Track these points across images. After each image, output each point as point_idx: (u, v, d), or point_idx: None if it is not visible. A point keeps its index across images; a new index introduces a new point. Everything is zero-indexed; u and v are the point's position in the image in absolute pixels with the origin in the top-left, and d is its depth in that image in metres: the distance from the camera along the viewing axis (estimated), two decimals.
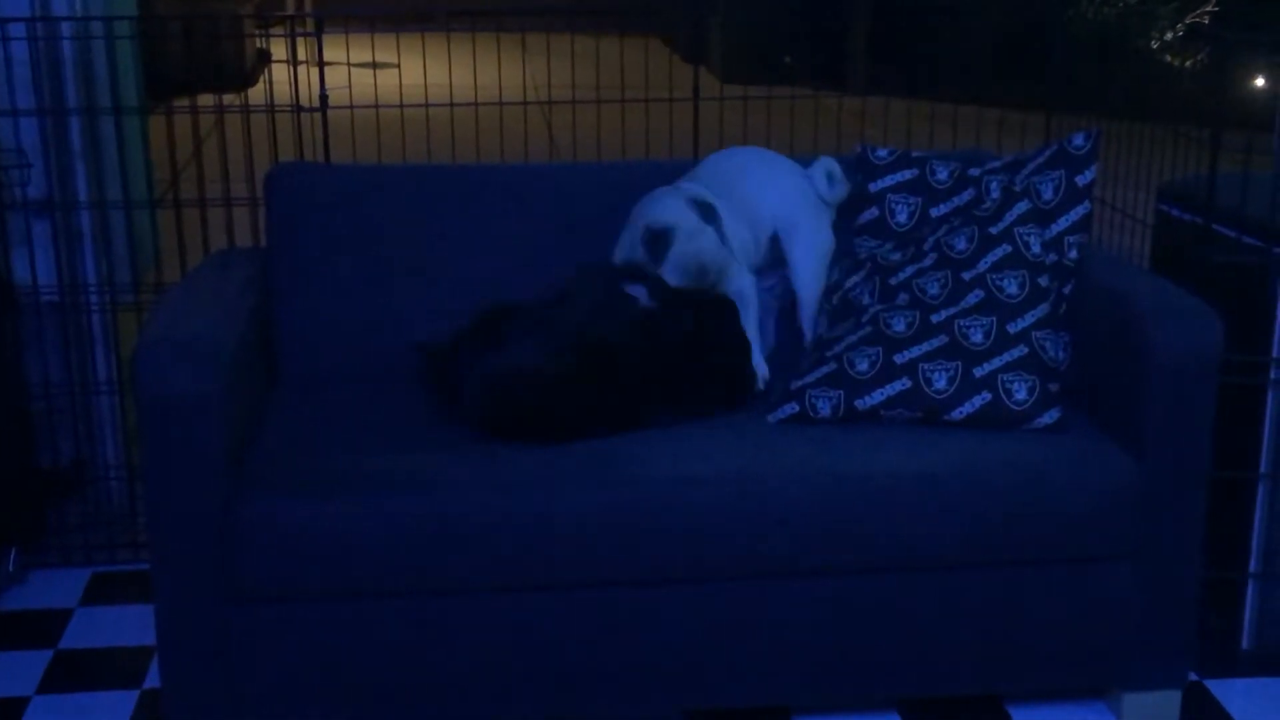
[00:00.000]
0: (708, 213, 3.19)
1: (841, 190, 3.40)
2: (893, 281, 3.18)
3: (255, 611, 2.76)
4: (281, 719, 2.85)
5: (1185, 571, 2.98)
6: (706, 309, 3.15)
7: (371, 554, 2.75)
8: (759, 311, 3.31)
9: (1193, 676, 3.23)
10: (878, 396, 3.01)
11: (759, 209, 3.33)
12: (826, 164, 3.41)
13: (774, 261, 3.37)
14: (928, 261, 3.18)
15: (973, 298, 3.08)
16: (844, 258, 3.38)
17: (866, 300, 3.18)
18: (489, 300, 3.16)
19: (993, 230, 3.15)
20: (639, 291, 3.08)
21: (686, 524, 2.80)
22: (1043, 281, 3.10)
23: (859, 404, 3.02)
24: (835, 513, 2.83)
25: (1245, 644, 3.30)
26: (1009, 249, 3.12)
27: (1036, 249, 3.12)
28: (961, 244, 3.16)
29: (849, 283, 3.26)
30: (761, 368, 3.23)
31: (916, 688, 3.04)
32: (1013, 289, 3.08)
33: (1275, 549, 3.24)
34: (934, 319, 3.07)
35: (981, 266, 3.11)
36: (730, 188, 3.31)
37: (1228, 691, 3.21)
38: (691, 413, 3.06)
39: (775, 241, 3.35)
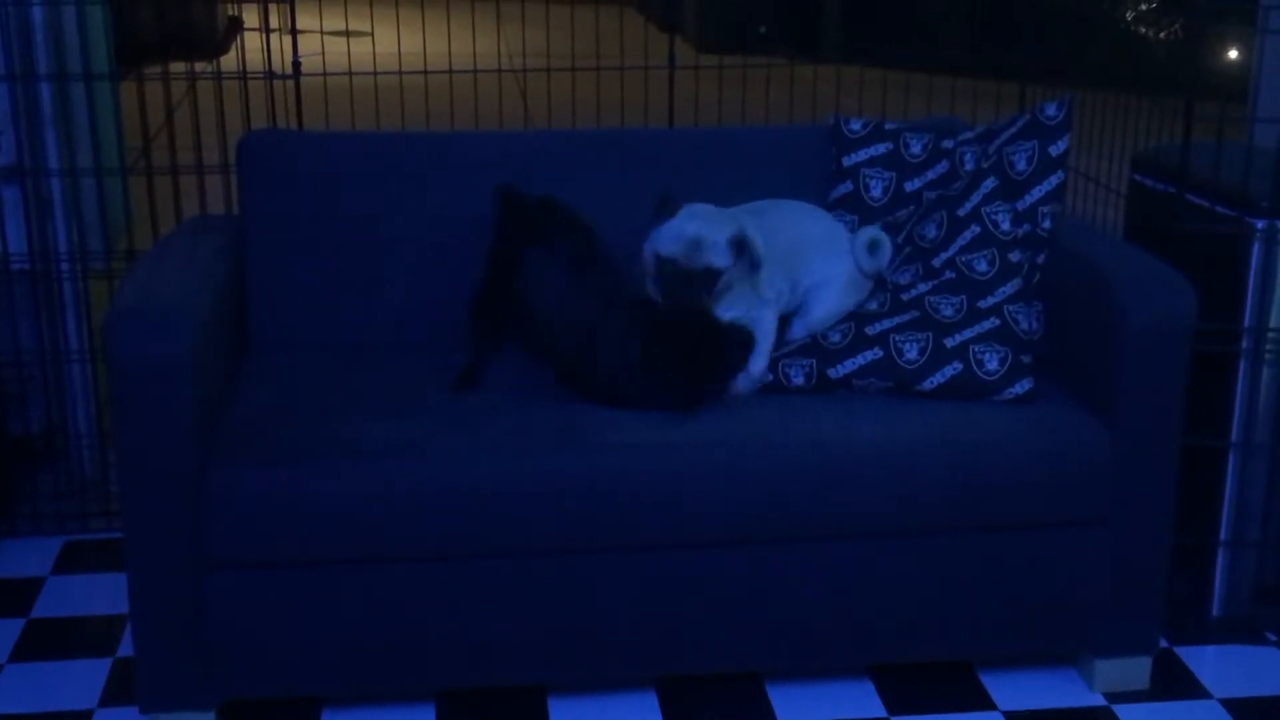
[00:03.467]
0: (739, 245, 3.04)
1: (882, 262, 3.24)
2: None
3: (228, 579, 2.76)
4: (254, 686, 2.86)
5: (1156, 539, 3.00)
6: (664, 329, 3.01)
7: (343, 521, 2.75)
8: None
9: (1163, 643, 3.25)
10: (849, 365, 3.02)
11: (800, 264, 3.19)
12: (872, 234, 3.24)
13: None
14: (899, 256, 3.20)
15: (944, 278, 3.10)
16: None
17: None
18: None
19: (960, 212, 3.16)
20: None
21: (657, 490, 2.81)
22: (1014, 257, 3.11)
23: (831, 373, 3.03)
24: (806, 480, 2.84)
25: (1215, 611, 3.32)
26: (978, 230, 3.13)
27: (1006, 226, 3.13)
28: (931, 232, 3.17)
29: None
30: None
31: (888, 653, 3.05)
32: (983, 267, 3.09)
33: (1245, 517, 3.26)
34: (904, 297, 3.09)
35: (952, 250, 3.13)
36: (777, 235, 3.17)
37: (1198, 658, 3.23)
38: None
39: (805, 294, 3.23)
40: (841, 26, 10.32)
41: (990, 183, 3.17)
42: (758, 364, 3.04)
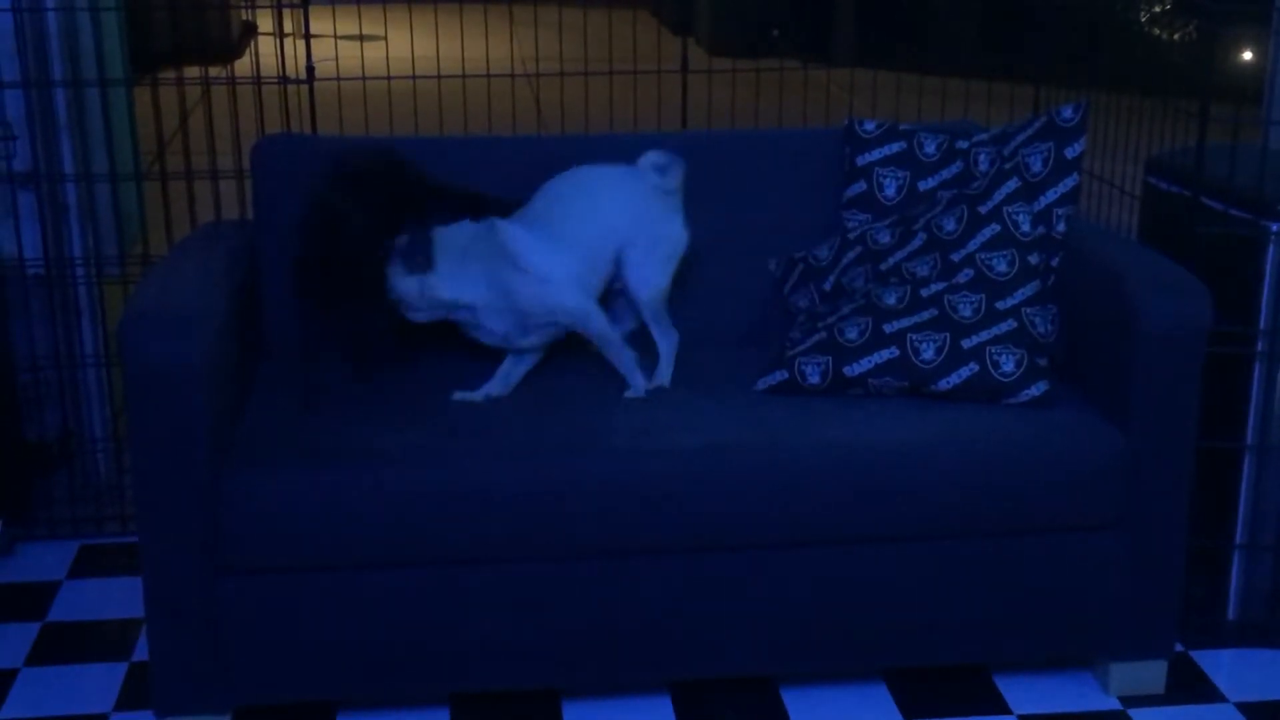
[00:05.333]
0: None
1: (676, 174, 3.21)
2: (883, 267, 3.19)
3: (243, 583, 2.77)
4: (269, 691, 2.86)
5: (1171, 542, 2.99)
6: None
7: (357, 525, 2.75)
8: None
9: (1179, 647, 3.24)
10: (866, 364, 3.02)
11: (593, 235, 3.12)
12: (651, 157, 3.22)
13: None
14: (917, 242, 3.19)
15: (962, 276, 3.09)
16: (833, 234, 3.39)
17: (859, 284, 3.19)
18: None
19: (981, 210, 3.15)
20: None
21: (672, 494, 2.81)
22: (1032, 259, 3.11)
23: (847, 371, 3.03)
24: (820, 484, 2.84)
25: (1231, 614, 3.31)
26: (998, 228, 3.12)
27: (1026, 227, 3.12)
28: (951, 225, 3.16)
29: (841, 267, 3.26)
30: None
31: (902, 658, 3.05)
32: (1002, 267, 3.08)
33: (1261, 519, 3.25)
34: (923, 293, 3.08)
35: (971, 246, 3.12)
36: (555, 220, 3.11)
37: (1214, 662, 3.22)
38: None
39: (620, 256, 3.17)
40: (854, 30, 10.30)
41: (1013, 183, 3.17)
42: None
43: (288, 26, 3.83)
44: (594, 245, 3.12)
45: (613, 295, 3.22)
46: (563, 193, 3.17)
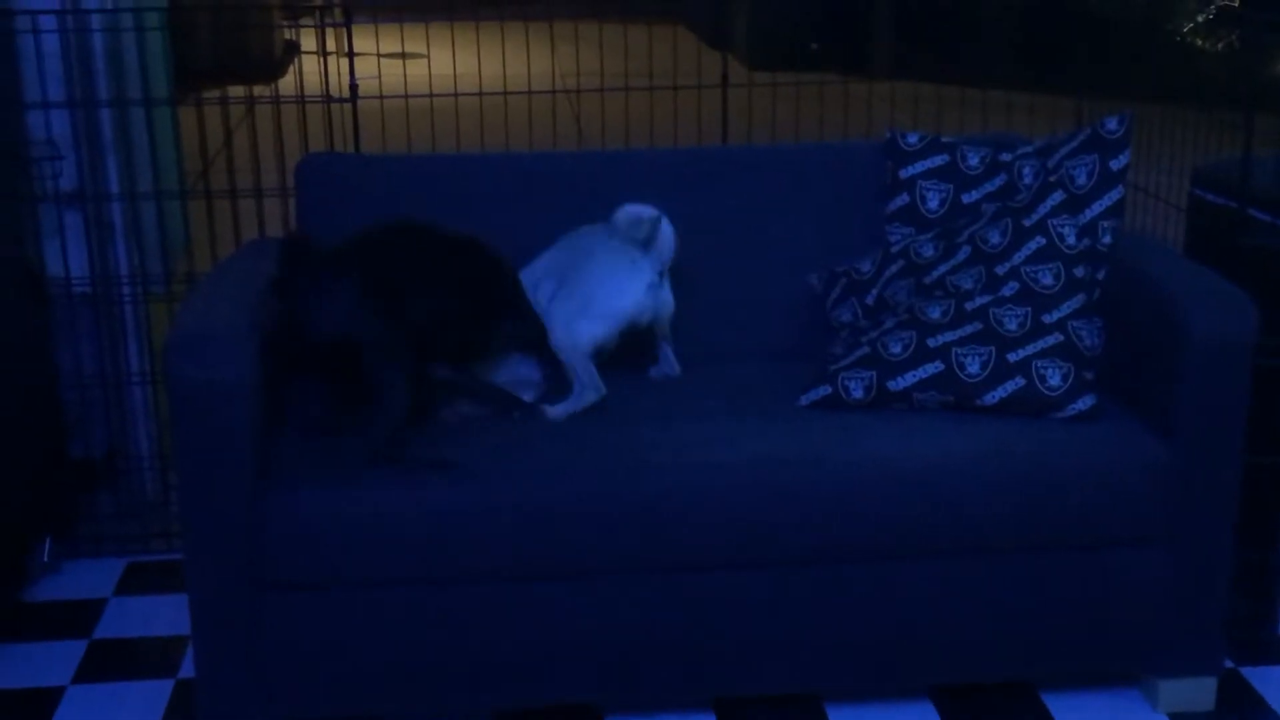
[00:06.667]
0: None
1: (668, 249, 3.19)
2: (927, 280, 3.18)
3: (288, 600, 2.77)
4: (312, 706, 2.86)
5: (1219, 557, 2.96)
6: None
7: (401, 542, 2.76)
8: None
9: (1228, 663, 3.21)
10: (910, 379, 3.00)
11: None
12: (632, 211, 3.20)
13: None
14: (961, 255, 3.17)
15: (1007, 289, 3.07)
16: (875, 248, 3.38)
17: (902, 297, 3.18)
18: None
19: (1026, 223, 3.13)
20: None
21: (712, 510, 2.80)
22: (1078, 273, 3.09)
23: (891, 385, 3.01)
24: (865, 499, 2.82)
25: None
26: (1043, 241, 3.10)
27: (1071, 240, 3.10)
28: (995, 238, 3.14)
29: (884, 280, 3.25)
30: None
31: (949, 674, 3.03)
32: (1048, 280, 3.06)
33: None
34: (968, 306, 3.06)
35: (1016, 259, 3.10)
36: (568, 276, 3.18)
37: (1264, 678, 3.19)
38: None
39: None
40: (894, 42, 10.29)
41: (1058, 195, 3.15)
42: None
43: (330, 45, 3.85)
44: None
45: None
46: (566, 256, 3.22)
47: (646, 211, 3.17)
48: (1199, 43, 7.81)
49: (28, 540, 3.53)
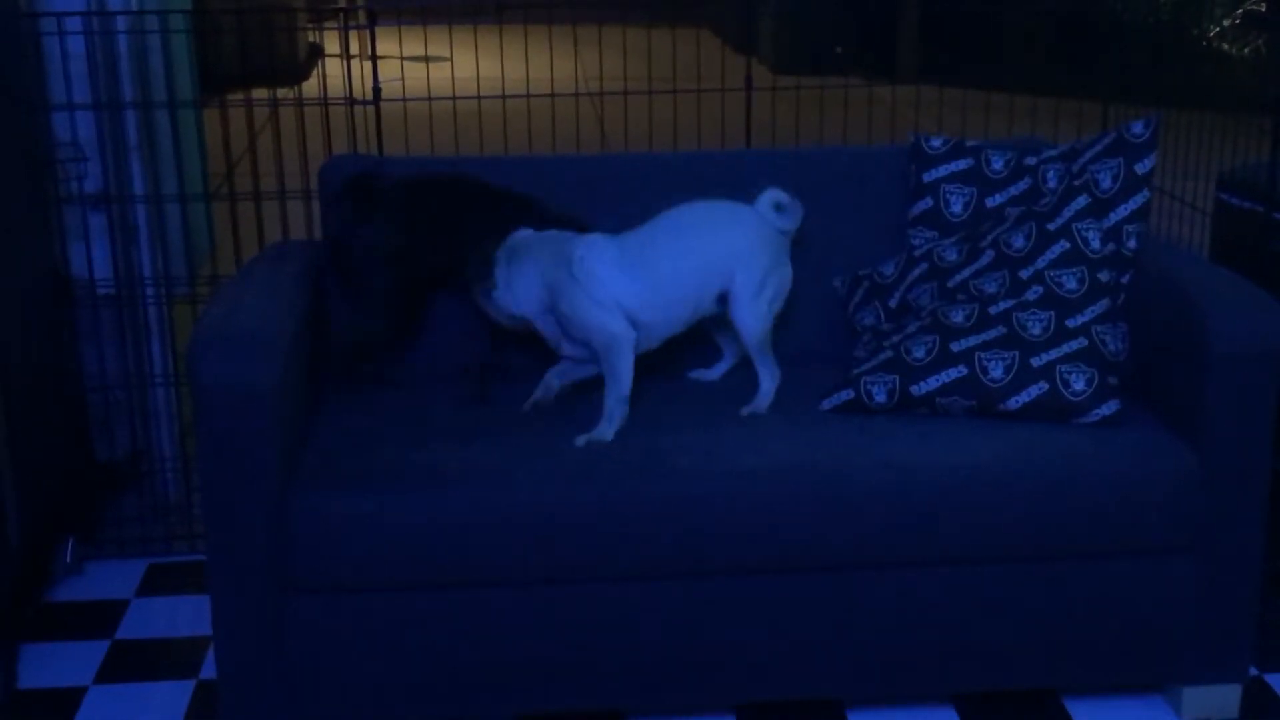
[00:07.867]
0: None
1: (796, 216, 3.20)
2: (950, 284, 3.16)
3: (310, 602, 2.78)
4: (335, 710, 2.87)
5: (1246, 564, 2.94)
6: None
7: (424, 546, 2.76)
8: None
9: (1253, 671, 3.19)
10: (933, 383, 2.99)
11: (689, 271, 3.09)
12: (773, 195, 3.19)
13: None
14: (985, 260, 3.16)
15: (1031, 294, 3.06)
16: (898, 251, 3.37)
17: (925, 301, 3.17)
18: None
19: (1050, 227, 3.12)
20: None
21: (736, 515, 2.79)
22: (1103, 277, 3.07)
23: (914, 390, 3.00)
24: (887, 504, 2.81)
25: None
26: (1067, 245, 3.09)
27: (1096, 244, 3.08)
28: (1019, 241, 3.13)
29: (906, 283, 3.24)
30: (608, 429, 2.98)
31: (973, 682, 3.02)
32: (1072, 284, 3.05)
33: None
34: (992, 310, 3.05)
35: (1040, 263, 3.08)
36: (647, 248, 3.08)
37: None
38: None
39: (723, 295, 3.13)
40: (919, 46, 10.26)
41: (1083, 200, 3.13)
42: (612, 398, 2.99)
43: (354, 48, 3.86)
44: (687, 282, 3.08)
45: (718, 329, 3.23)
46: (671, 225, 3.13)
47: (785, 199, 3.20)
48: (1225, 47, 7.77)
49: (51, 541, 3.54)
